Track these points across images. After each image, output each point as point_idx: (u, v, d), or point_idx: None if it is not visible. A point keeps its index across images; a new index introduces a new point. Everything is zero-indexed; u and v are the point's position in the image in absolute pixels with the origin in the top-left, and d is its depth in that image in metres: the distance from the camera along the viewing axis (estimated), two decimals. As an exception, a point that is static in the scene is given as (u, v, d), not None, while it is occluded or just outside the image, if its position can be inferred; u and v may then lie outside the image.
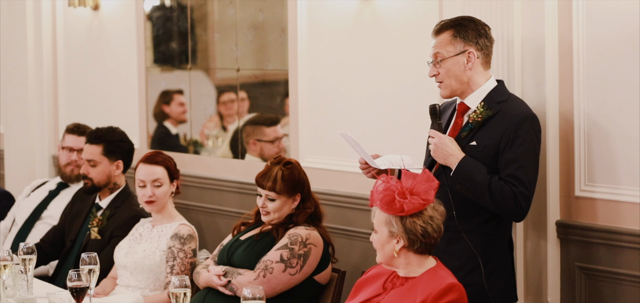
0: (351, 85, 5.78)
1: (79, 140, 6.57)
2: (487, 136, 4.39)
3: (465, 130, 4.45)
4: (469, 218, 4.43)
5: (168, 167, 5.49)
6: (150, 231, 5.47)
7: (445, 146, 4.40)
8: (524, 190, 4.32)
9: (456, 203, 4.40)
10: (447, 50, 4.44)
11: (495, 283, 4.45)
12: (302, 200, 5.06)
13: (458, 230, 4.41)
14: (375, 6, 5.59)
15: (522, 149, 4.33)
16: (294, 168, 5.07)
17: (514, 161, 4.33)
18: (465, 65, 4.43)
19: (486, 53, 4.46)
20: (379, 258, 4.21)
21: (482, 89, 4.45)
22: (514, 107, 4.41)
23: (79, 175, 6.47)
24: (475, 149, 4.39)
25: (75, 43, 7.90)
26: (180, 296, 4.17)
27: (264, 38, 6.35)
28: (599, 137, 4.56)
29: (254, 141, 6.41)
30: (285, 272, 4.90)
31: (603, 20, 4.54)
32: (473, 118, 4.42)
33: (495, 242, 4.46)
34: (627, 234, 4.52)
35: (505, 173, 4.34)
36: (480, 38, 4.44)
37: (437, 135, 4.44)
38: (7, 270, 4.77)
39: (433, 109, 4.48)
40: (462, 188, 4.37)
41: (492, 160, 4.37)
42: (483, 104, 4.41)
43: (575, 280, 4.73)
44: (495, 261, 4.45)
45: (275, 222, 5.07)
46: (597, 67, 4.57)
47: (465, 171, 4.34)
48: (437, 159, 4.44)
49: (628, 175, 4.49)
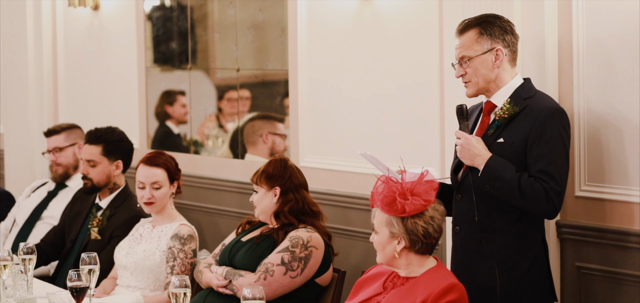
0: (351, 85, 5.78)
1: (51, 140, 6.69)
2: (514, 132, 4.27)
3: (491, 127, 4.33)
4: (498, 218, 4.31)
5: (168, 169, 5.48)
6: (151, 231, 5.47)
7: (471, 146, 4.28)
8: (555, 185, 4.19)
9: (482, 205, 4.29)
10: (473, 49, 4.32)
11: (530, 283, 4.33)
12: (283, 193, 5.04)
13: (486, 230, 4.31)
14: (375, 6, 5.58)
15: (551, 144, 4.21)
16: (272, 161, 5.08)
17: (544, 156, 4.20)
18: (493, 63, 4.31)
19: (513, 50, 4.35)
20: (380, 258, 4.21)
21: (509, 86, 4.34)
22: (540, 102, 4.30)
23: (62, 174, 6.65)
24: (503, 146, 4.28)
25: (75, 43, 7.90)
26: (180, 296, 4.17)
27: (264, 38, 6.35)
28: (599, 137, 4.56)
29: (267, 134, 6.40)
30: (286, 275, 4.89)
31: (603, 20, 4.54)
32: (499, 115, 4.31)
33: (528, 241, 4.34)
34: (627, 234, 4.51)
35: (534, 170, 4.21)
36: (507, 35, 4.33)
37: (463, 135, 4.32)
38: (7, 270, 4.77)
39: (460, 109, 4.36)
40: (491, 188, 4.24)
41: (520, 157, 4.25)
42: (509, 101, 4.30)
43: (575, 280, 4.73)
44: (529, 261, 4.33)
45: (262, 217, 5.07)
46: (597, 66, 4.57)
47: (493, 170, 4.22)
48: (464, 160, 4.33)
49: (628, 175, 4.48)
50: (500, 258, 4.30)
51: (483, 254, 4.32)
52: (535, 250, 4.35)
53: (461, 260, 4.43)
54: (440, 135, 5.29)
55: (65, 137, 6.69)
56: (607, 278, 4.61)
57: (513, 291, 4.30)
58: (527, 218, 4.31)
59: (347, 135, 5.81)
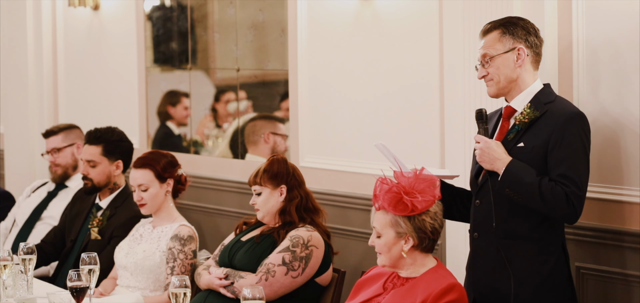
0: (351, 85, 5.78)
1: (49, 141, 6.69)
2: (535, 137, 4.25)
3: (511, 132, 4.31)
4: (518, 225, 4.28)
5: (155, 169, 5.44)
6: (151, 232, 5.46)
7: (491, 150, 4.25)
8: (576, 189, 4.16)
9: (502, 211, 4.27)
10: (495, 48, 4.31)
11: (551, 289, 4.29)
12: (289, 191, 5.05)
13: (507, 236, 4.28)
14: (375, 6, 5.58)
15: (571, 148, 4.18)
16: (275, 160, 5.08)
17: (564, 160, 4.17)
18: (515, 63, 4.29)
19: (536, 52, 4.33)
20: (384, 261, 4.16)
21: (529, 90, 4.31)
22: (561, 107, 4.27)
23: (62, 174, 6.64)
24: (523, 151, 4.25)
25: (75, 43, 7.90)
26: (180, 296, 4.17)
27: (264, 38, 6.35)
28: (599, 136, 4.56)
29: (268, 134, 6.40)
30: (287, 274, 4.89)
31: (603, 19, 4.54)
32: (519, 119, 4.28)
33: (548, 247, 4.30)
34: (627, 234, 4.51)
35: (555, 174, 4.18)
36: (530, 36, 4.31)
37: (483, 139, 4.28)
38: (7, 270, 4.77)
39: (479, 113, 4.34)
40: (511, 193, 4.20)
41: (541, 161, 4.22)
42: (530, 105, 4.27)
43: (575, 280, 4.73)
44: (549, 266, 4.30)
45: (267, 218, 5.07)
46: (596, 66, 4.57)
47: (514, 174, 4.19)
48: (483, 165, 4.29)
49: (628, 175, 4.48)
50: (520, 264, 4.27)
51: (502, 261, 4.29)
52: (556, 256, 4.32)
53: (481, 265, 4.39)
54: (440, 135, 5.29)
55: (63, 137, 6.69)
56: (606, 279, 4.61)
57: (533, 298, 4.27)
58: (547, 224, 4.28)
59: (347, 135, 5.81)
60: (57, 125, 6.93)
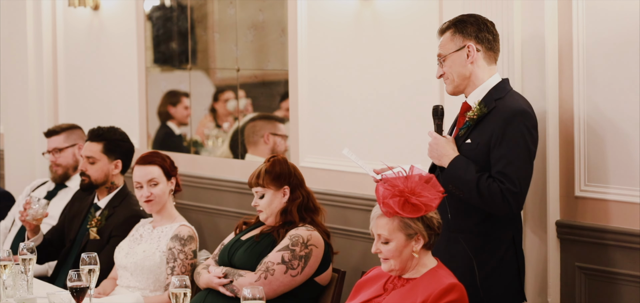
0: (351, 85, 5.78)
1: (50, 141, 6.69)
2: (480, 133, 4.37)
3: (463, 128, 4.44)
4: (465, 219, 4.40)
5: (163, 166, 5.49)
6: (151, 232, 5.47)
7: (439, 146, 4.41)
8: (512, 186, 4.27)
9: (452, 203, 4.38)
10: (447, 47, 4.45)
11: (497, 283, 4.40)
12: (292, 191, 5.05)
13: (456, 230, 4.40)
14: (375, 6, 5.58)
15: (510, 145, 4.29)
16: (276, 161, 5.08)
17: (503, 158, 4.29)
18: (466, 60, 4.42)
19: (488, 47, 4.44)
20: (393, 266, 4.12)
21: (484, 86, 4.43)
22: (508, 103, 4.38)
23: (62, 174, 6.63)
24: (470, 147, 4.38)
25: (75, 43, 7.90)
26: (180, 296, 4.17)
27: (264, 38, 6.35)
28: (600, 136, 4.56)
29: (268, 135, 6.40)
30: (287, 273, 4.90)
31: (603, 19, 4.54)
32: (470, 116, 4.41)
33: (495, 241, 4.42)
34: (627, 234, 4.51)
35: (494, 171, 4.31)
36: (481, 32, 4.42)
37: (433, 135, 4.45)
38: (7, 270, 4.77)
39: (435, 109, 4.48)
40: (453, 188, 4.35)
41: (485, 158, 4.35)
42: (480, 102, 4.39)
43: (575, 280, 4.73)
44: (496, 261, 4.41)
45: (270, 220, 5.07)
46: (597, 66, 4.57)
47: (455, 170, 4.34)
48: (432, 159, 4.46)
49: (628, 175, 4.49)
50: (468, 257, 4.37)
51: (452, 253, 4.39)
52: (503, 250, 4.41)
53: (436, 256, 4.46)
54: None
55: (65, 137, 6.69)
56: (607, 278, 4.61)
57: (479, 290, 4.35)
58: (492, 219, 4.38)
59: (347, 135, 5.80)
60: (60, 125, 6.93)
